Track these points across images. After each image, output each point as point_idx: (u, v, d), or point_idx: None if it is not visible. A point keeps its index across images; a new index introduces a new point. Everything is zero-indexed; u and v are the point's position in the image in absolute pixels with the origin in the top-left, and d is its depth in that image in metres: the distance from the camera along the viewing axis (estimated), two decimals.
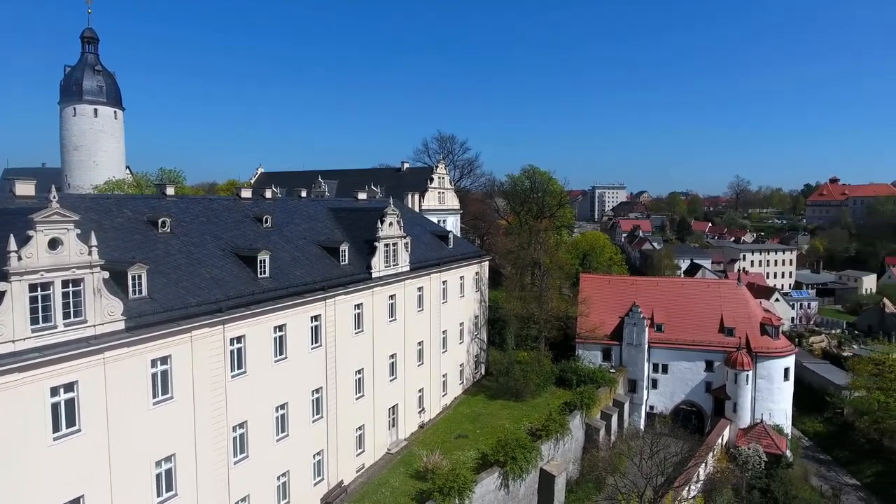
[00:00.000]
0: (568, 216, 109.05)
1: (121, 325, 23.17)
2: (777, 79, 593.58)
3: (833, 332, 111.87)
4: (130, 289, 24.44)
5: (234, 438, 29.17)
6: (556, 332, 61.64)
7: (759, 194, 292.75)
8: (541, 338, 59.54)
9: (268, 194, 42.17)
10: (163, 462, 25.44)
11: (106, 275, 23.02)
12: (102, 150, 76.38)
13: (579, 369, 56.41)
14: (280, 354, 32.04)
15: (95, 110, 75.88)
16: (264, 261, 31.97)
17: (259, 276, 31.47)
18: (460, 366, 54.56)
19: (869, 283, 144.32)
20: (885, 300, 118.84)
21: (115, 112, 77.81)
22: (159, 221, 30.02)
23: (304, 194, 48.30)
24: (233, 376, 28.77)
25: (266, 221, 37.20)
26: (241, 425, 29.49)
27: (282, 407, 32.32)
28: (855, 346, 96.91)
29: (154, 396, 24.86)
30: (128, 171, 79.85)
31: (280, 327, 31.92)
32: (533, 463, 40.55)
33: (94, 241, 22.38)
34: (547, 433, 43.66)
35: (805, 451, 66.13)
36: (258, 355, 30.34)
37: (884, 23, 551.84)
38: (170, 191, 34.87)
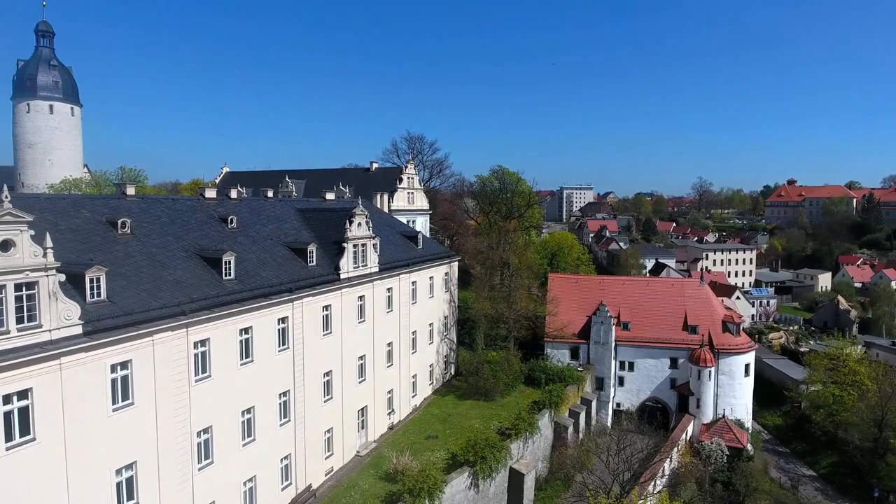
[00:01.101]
0: (536, 216, 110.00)
1: (78, 330, 22.39)
2: (738, 83, 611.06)
3: (791, 328, 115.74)
4: (88, 292, 23.66)
5: (199, 444, 28.50)
6: (524, 332, 62.11)
7: (721, 195, 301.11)
8: (510, 337, 59.92)
9: (233, 194, 41.30)
10: (123, 470, 24.69)
11: (62, 277, 22.24)
12: (58, 147, 73.99)
13: (548, 368, 56.97)
14: (246, 357, 31.44)
15: (51, 106, 73.45)
16: (229, 262, 31.35)
17: (224, 277, 30.83)
18: (430, 366, 54.51)
19: (824, 280, 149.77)
20: (839, 297, 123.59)
21: (71, 108, 75.40)
22: (119, 222, 29.10)
23: (270, 194, 47.50)
24: (197, 380, 28.11)
25: (231, 222, 36.46)
26: (205, 430, 28.83)
27: (248, 411, 31.71)
28: (811, 342, 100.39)
29: (114, 402, 24.10)
30: (85, 170, 77.45)
31: (246, 330, 31.32)
32: (502, 462, 40.77)
33: (49, 243, 21.61)
34: (516, 432, 43.95)
35: (765, 444, 68.23)
36: (223, 359, 29.72)
37: (830, 31, 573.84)
38: (130, 190, 33.80)
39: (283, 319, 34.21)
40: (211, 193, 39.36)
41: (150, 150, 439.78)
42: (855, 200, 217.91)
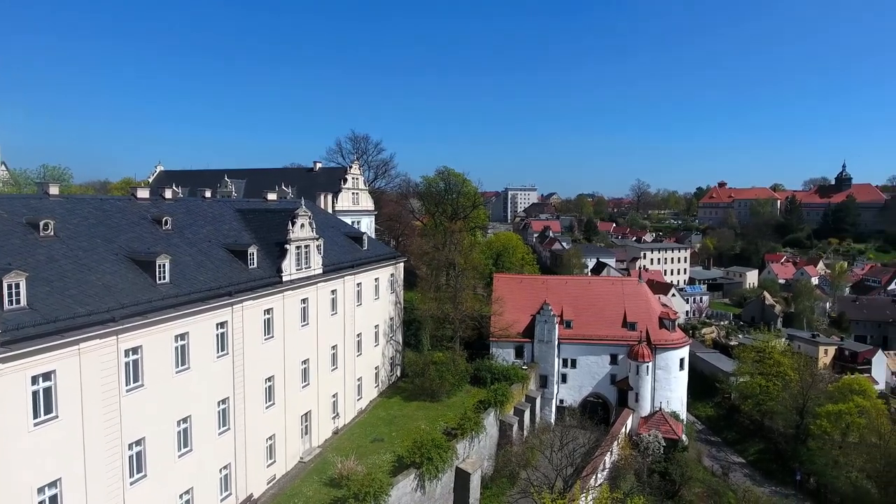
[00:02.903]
0: (482, 217, 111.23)
1: None
2: (674, 89, 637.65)
3: (722, 323, 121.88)
4: (6, 299, 22.13)
5: (131, 457, 27.14)
6: (470, 332, 62.57)
7: (658, 196, 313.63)
8: (456, 337, 60.20)
9: (168, 194, 39.60)
10: (46, 488, 23.19)
11: None
12: None
13: (493, 367, 57.57)
14: (182, 365, 30.20)
15: None
16: (164, 265, 30.04)
17: (158, 281, 29.51)
18: (375, 369, 54.05)
19: (752, 278, 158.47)
20: (765, 293, 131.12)
21: None
22: (41, 224, 27.33)
23: (208, 194, 45.79)
24: (128, 390, 26.76)
25: (166, 223, 34.96)
26: (137, 443, 27.48)
27: (184, 420, 30.47)
28: (740, 336, 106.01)
29: (35, 416, 22.60)
30: (3, 168, 72.43)
31: (182, 336, 30.10)
32: (448, 462, 40.88)
33: None
34: (462, 432, 44.19)
35: (698, 434, 71.58)
36: (157, 366, 28.42)
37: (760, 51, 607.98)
38: (54, 190, 31.82)
39: (221, 324, 33.09)
40: (143, 193, 37.62)
41: (76, 148, 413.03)
42: (779, 202, 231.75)
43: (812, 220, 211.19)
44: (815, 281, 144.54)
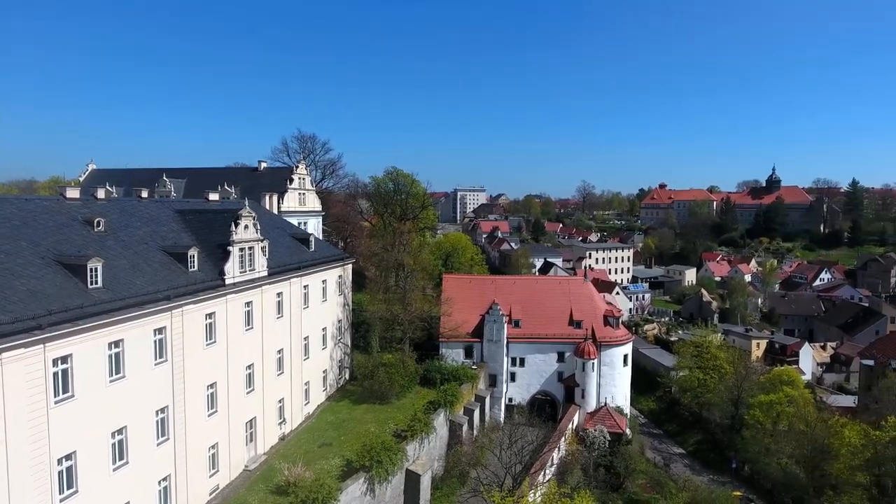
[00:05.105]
0: (431, 218, 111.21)
1: None
2: (617, 94, 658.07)
3: (663, 320, 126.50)
4: None
5: (60, 472, 25.63)
6: (420, 333, 62.39)
7: (602, 198, 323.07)
8: (405, 339, 59.90)
9: (100, 194, 37.59)
10: None
11: None
12: None
13: (443, 368, 57.65)
14: (116, 373, 28.76)
15: None
16: (96, 269, 28.53)
17: (90, 286, 28.00)
18: (323, 372, 53.18)
19: (690, 276, 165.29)
20: (703, 290, 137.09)
21: None
22: None
23: (145, 194, 43.87)
24: (56, 402, 25.26)
25: (98, 225, 33.21)
26: (68, 457, 25.98)
27: (119, 432, 29.03)
28: (680, 332, 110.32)
29: None
30: None
31: (116, 343, 28.66)
32: (398, 464, 40.64)
33: None
34: (412, 433, 44.02)
35: (641, 427, 73.94)
36: (89, 376, 26.96)
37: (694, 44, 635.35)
38: None
39: (159, 330, 31.73)
40: (73, 193, 35.58)
41: None
42: (715, 203, 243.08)
43: (745, 220, 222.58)
44: (748, 278, 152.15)
